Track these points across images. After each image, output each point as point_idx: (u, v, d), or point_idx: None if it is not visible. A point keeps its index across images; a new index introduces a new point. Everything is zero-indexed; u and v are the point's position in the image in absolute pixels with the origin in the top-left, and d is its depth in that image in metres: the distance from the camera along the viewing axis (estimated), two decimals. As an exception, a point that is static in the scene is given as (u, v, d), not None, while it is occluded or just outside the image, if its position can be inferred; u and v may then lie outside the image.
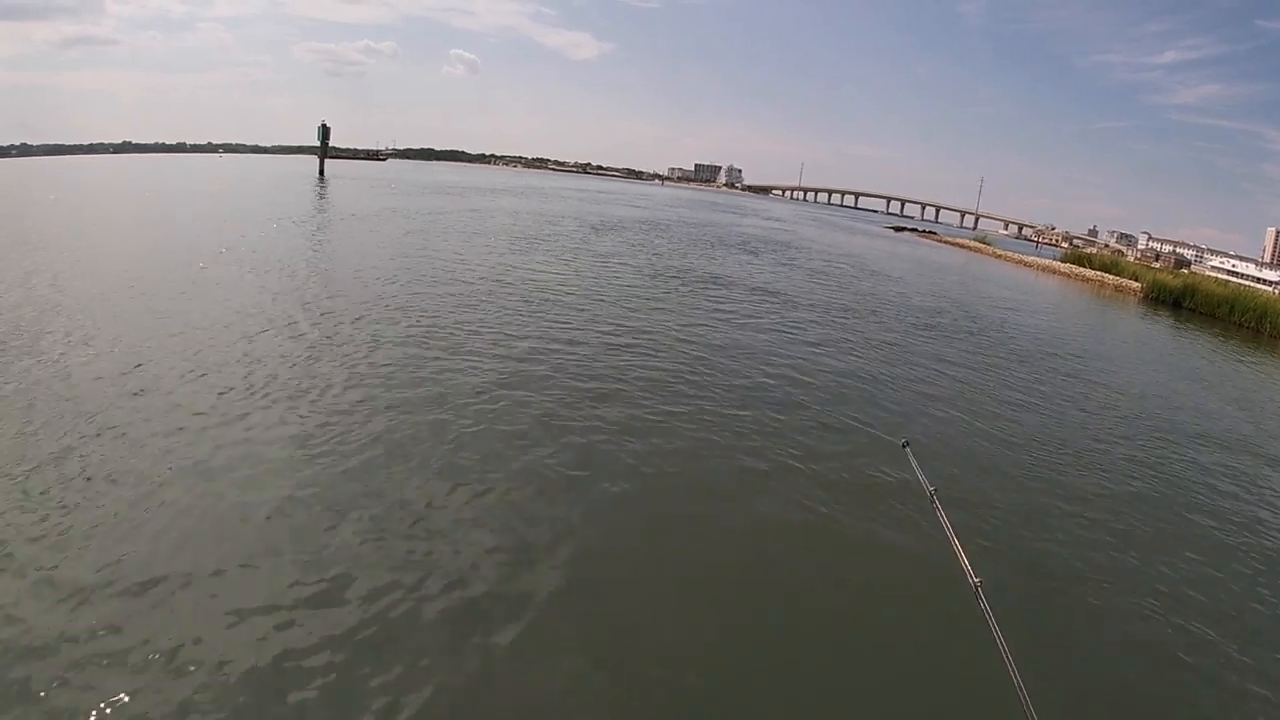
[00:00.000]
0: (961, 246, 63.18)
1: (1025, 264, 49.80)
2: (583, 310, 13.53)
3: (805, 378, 10.63)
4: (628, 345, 11.21)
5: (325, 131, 55.87)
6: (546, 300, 14.12)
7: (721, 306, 15.84)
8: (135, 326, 9.88)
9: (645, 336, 11.93)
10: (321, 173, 55.56)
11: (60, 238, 17.86)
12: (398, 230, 24.16)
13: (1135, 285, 36.79)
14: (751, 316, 15.11)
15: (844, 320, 16.28)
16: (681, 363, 10.58)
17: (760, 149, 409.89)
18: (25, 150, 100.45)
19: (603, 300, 14.78)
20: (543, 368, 9.52)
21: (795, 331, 14.13)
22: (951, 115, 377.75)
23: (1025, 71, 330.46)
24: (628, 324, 12.76)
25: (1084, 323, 24.81)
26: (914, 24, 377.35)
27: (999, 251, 57.53)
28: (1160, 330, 25.02)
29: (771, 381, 10.23)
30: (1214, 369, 17.94)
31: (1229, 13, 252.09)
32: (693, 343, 11.93)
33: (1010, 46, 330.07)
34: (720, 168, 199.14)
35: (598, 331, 11.92)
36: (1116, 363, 16.34)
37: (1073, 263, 47.67)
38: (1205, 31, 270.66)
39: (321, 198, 38.60)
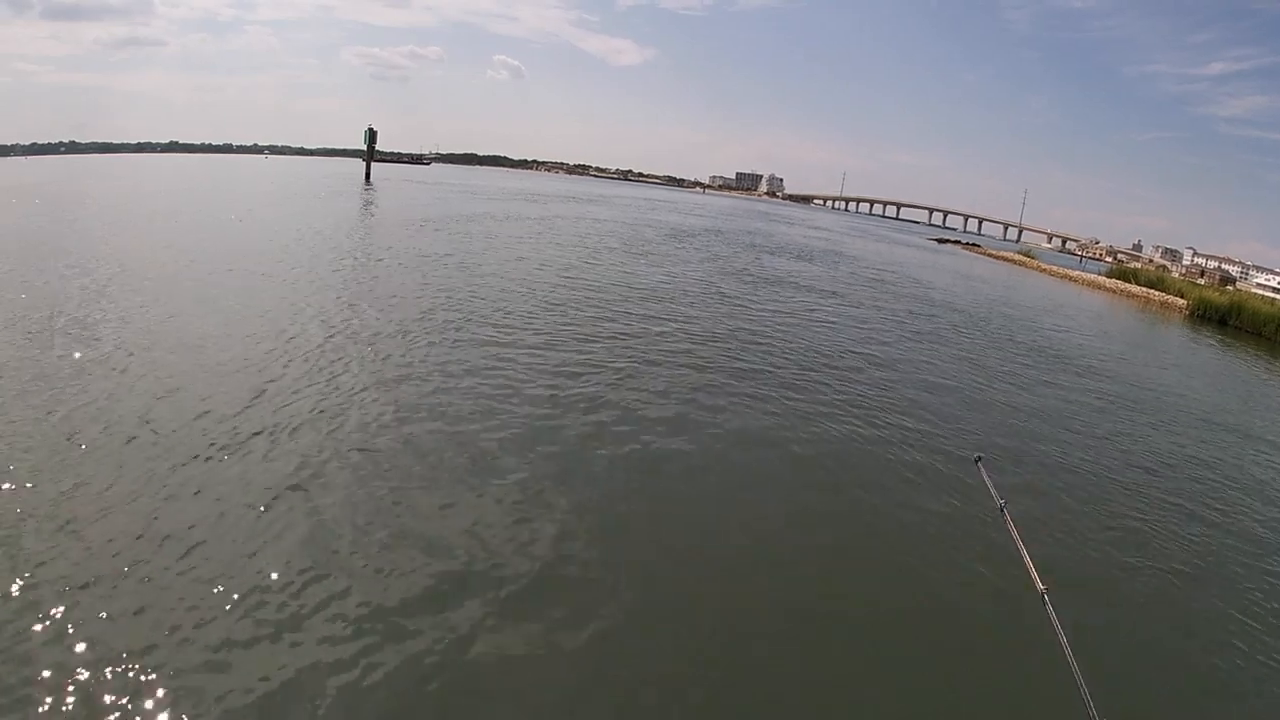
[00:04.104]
0: (1005, 260, 64.13)
1: (1070, 278, 50.64)
2: (699, 309, 16.08)
3: (875, 383, 11.86)
4: (749, 340, 13.74)
5: (372, 135, 56.14)
6: (676, 303, 16.67)
7: (793, 306, 18.27)
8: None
9: (747, 334, 14.46)
10: (368, 176, 55.94)
11: (155, 236, 21.08)
12: (512, 234, 27.10)
13: (1181, 302, 37.50)
14: (811, 309, 17.50)
15: (902, 333, 18.51)
16: (758, 353, 12.99)
17: (801, 156, 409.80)
18: (74, 148, 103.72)
19: (708, 299, 17.36)
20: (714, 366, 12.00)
21: (857, 334, 16.44)
22: (995, 125, 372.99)
23: (1070, 81, 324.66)
24: (731, 320, 15.29)
25: (1138, 344, 26.43)
26: (960, 32, 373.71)
27: (1043, 265, 58.40)
28: (1214, 349, 26.54)
29: (845, 378, 12.40)
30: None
31: (1277, 23, 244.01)
32: (768, 339, 14.36)
33: (1056, 55, 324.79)
34: (761, 176, 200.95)
35: (709, 327, 14.44)
36: (1183, 383, 18.14)
37: (1118, 278, 48.41)
38: (1254, 42, 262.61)
39: (383, 203, 40.51)
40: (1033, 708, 4.33)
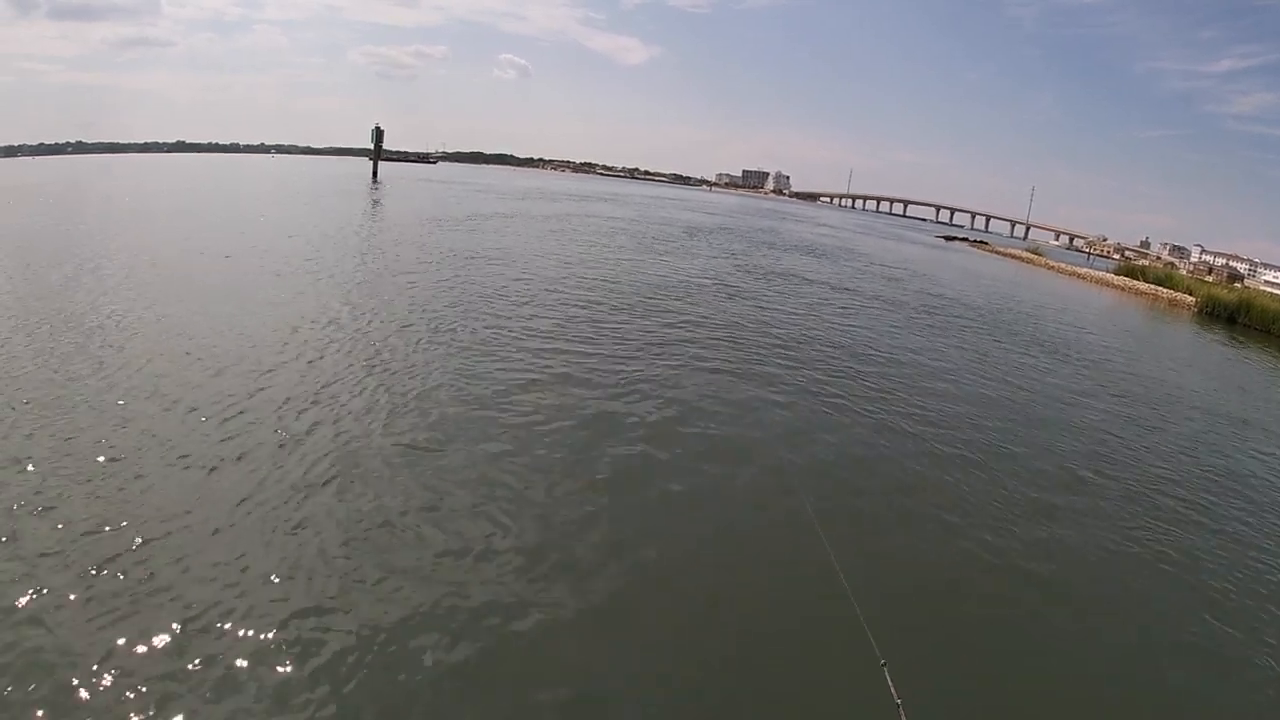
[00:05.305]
0: (1014, 257, 64.38)
1: (1078, 276, 50.90)
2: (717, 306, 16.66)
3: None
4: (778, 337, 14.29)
5: (379, 134, 56.09)
6: (694, 300, 17.26)
7: (811, 304, 18.86)
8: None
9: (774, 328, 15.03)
10: (375, 174, 55.56)
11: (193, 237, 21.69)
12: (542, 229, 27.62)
13: (1189, 300, 37.48)
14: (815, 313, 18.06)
15: (913, 331, 18.98)
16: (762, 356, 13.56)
17: (807, 155, 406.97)
18: (81, 147, 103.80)
19: (725, 298, 17.96)
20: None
21: (874, 334, 16.93)
22: (999, 123, 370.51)
23: (1076, 78, 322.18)
24: (754, 317, 15.85)
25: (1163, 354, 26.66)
26: (964, 29, 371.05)
27: (1051, 263, 58.62)
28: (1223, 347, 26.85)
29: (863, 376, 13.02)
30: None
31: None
32: (769, 334, 14.92)
33: (1061, 53, 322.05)
34: (768, 174, 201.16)
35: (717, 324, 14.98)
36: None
37: (1126, 275, 48.61)
38: (1261, 39, 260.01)
39: (395, 202, 40.74)
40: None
